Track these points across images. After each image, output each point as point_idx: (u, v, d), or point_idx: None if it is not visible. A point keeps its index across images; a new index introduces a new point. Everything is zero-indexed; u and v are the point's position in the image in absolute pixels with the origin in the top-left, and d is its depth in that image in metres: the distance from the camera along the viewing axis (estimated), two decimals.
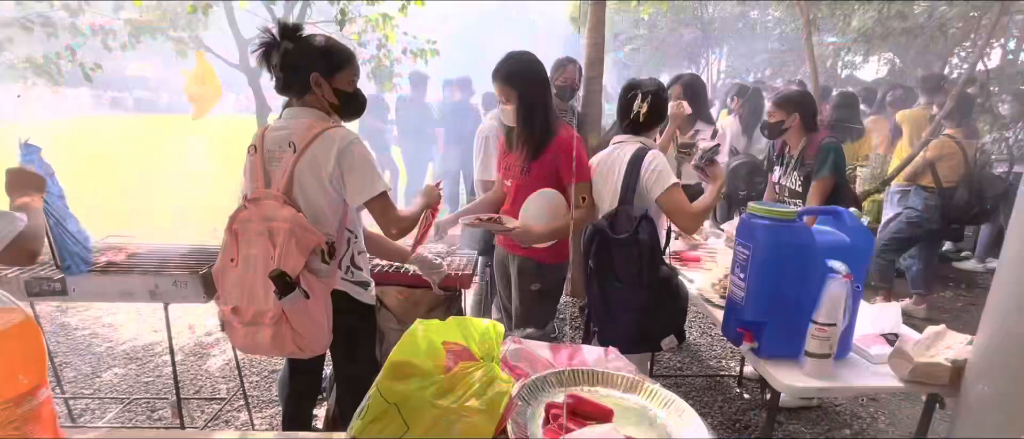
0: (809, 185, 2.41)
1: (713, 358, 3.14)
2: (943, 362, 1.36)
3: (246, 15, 4.50)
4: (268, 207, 1.45)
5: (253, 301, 1.44)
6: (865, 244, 1.49)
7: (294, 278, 1.39)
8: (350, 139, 1.48)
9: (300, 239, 1.41)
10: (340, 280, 1.57)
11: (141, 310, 3.61)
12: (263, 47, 1.48)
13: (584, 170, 1.96)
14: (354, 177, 1.47)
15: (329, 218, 1.52)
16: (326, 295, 1.50)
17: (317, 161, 1.46)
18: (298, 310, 1.41)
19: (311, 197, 1.49)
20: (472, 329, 0.87)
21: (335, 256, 1.53)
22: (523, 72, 1.91)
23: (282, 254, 1.39)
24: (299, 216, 1.43)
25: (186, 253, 2.28)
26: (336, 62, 1.51)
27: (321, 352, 1.57)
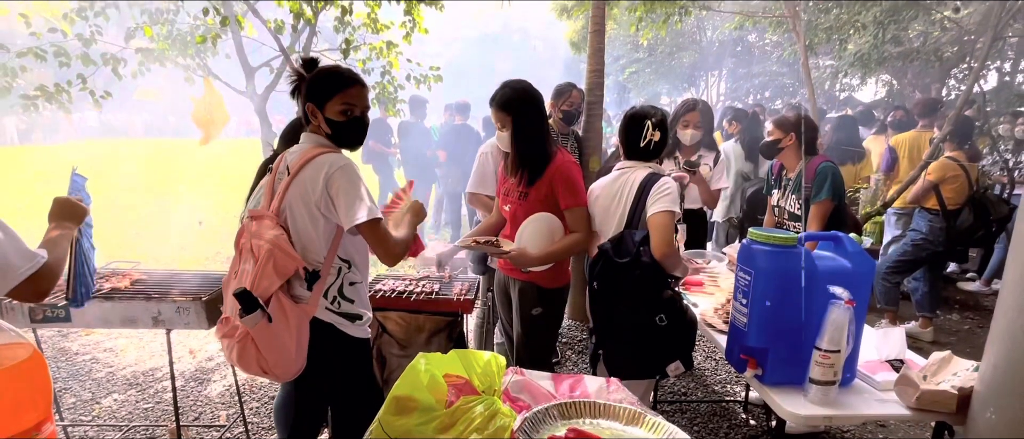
0: (809, 208, 2.42)
1: (718, 383, 3.10)
2: (949, 389, 1.35)
3: (252, 43, 4.61)
4: (263, 226, 1.47)
5: (236, 314, 1.46)
6: (866, 269, 1.49)
7: (265, 300, 1.39)
8: (339, 164, 1.46)
9: (278, 261, 1.41)
10: (324, 310, 1.53)
11: (143, 335, 3.60)
12: (295, 83, 1.55)
13: (579, 195, 1.97)
14: (342, 201, 1.45)
15: (316, 244, 1.51)
16: (301, 322, 1.47)
17: (305, 186, 1.47)
18: (262, 332, 1.39)
19: (299, 222, 1.50)
20: (474, 362, 0.87)
21: (320, 284, 1.51)
22: (517, 99, 1.94)
23: (259, 274, 1.40)
24: (281, 238, 1.43)
25: (189, 279, 2.29)
26: (327, 92, 1.50)
27: (289, 379, 1.53)
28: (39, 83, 3.97)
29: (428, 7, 4.32)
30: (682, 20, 6.45)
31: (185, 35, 4.74)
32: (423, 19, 4.45)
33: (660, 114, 1.98)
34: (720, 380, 3.13)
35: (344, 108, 1.51)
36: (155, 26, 4.55)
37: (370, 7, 4.26)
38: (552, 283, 2.06)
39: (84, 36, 4.03)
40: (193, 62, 4.78)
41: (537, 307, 2.06)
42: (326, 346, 1.54)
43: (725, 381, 3.11)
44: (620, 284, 1.76)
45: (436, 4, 4.33)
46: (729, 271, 2.55)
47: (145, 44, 4.55)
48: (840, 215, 2.42)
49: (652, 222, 1.82)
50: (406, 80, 4.64)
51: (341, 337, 1.56)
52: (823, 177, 2.38)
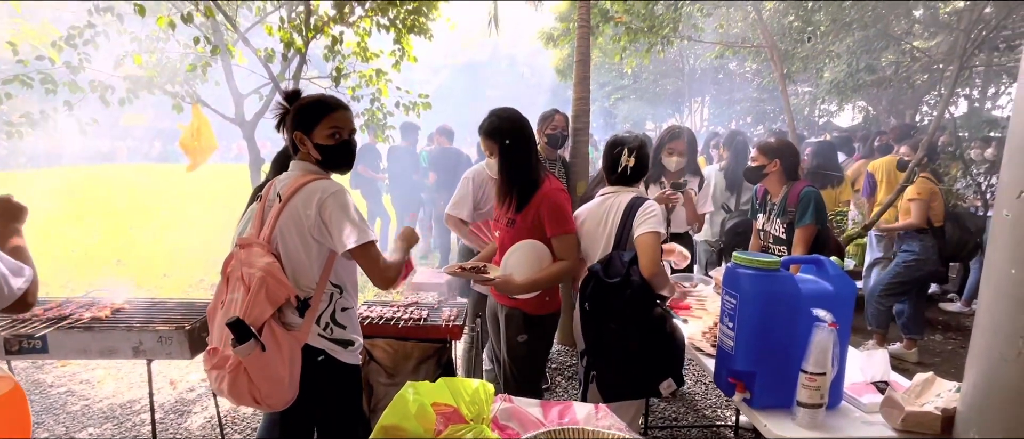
0: (793, 232, 2.46)
1: (708, 407, 3.09)
2: (934, 411, 1.37)
3: (242, 70, 4.64)
4: (253, 253, 1.47)
5: (226, 344, 1.44)
6: (848, 292, 1.52)
7: (257, 328, 1.38)
8: (331, 190, 1.49)
9: (270, 289, 1.41)
10: (316, 336, 1.52)
11: (121, 366, 3.50)
12: (280, 116, 1.58)
13: (566, 223, 1.97)
14: (334, 226, 1.46)
15: (309, 271, 1.51)
16: (293, 349, 1.47)
17: (298, 213, 1.48)
18: (255, 361, 1.38)
19: (291, 248, 1.50)
20: (462, 389, 0.87)
21: (311, 311, 1.51)
22: (504, 127, 1.97)
23: (250, 302, 1.39)
24: (273, 266, 1.43)
25: (171, 308, 2.25)
26: (313, 118, 1.54)
27: (282, 407, 1.50)
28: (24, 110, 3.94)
29: (417, 36, 4.40)
30: (665, 49, 6.65)
31: (175, 63, 4.76)
32: (412, 47, 4.53)
33: (638, 140, 2.04)
34: (710, 404, 3.12)
35: (331, 131, 1.54)
36: (144, 54, 4.56)
37: (360, 36, 4.33)
38: (539, 310, 2.05)
39: (72, 63, 4.03)
40: (182, 89, 4.79)
41: (523, 334, 2.05)
42: (318, 373, 1.53)
43: (715, 405, 3.10)
44: (611, 304, 1.79)
45: (425, 33, 4.42)
46: (716, 294, 2.58)
47: (134, 71, 4.56)
48: (823, 239, 2.46)
49: (640, 243, 1.86)
50: (395, 107, 4.69)
51: (333, 364, 1.55)
52: (806, 202, 2.43)
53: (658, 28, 6.17)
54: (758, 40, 7.10)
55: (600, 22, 6.38)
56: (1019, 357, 1.09)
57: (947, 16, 7.30)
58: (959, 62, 4.37)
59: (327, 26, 3.88)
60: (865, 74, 6.65)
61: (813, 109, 10.91)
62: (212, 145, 4.22)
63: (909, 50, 7.40)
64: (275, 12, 4.07)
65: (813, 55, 6.50)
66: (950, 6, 7.45)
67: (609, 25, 6.45)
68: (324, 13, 3.99)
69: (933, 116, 5.67)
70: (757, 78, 11.90)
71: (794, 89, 10.26)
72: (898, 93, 8.61)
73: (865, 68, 6.59)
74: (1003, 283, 1.15)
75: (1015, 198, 1.12)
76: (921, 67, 7.52)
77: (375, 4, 3.96)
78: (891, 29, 6.42)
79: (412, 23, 4.20)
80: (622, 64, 8.62)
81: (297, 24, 3.91)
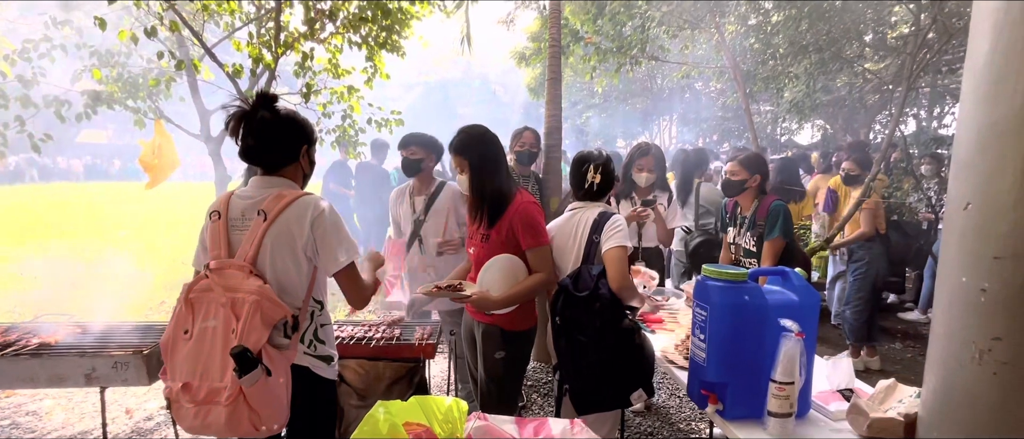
0: (762, 245, 2.53)
1: (682, 420, 3.11)
2: (896, 417, 1.41)
3: (209, 86, 4.53)
4: (232, 277, 1.40)
5: (208, 377, 1.36)
6: (812, 302, 1.56)
7: (256, 354, 1.33)
8: (323, 206, 1.48)
9: (266, 312, 1.36)
10: (302, 354, 1.50)
11: (73, 395, 3.29)
12: (238, 116, 1.49)
13: (540, 235, 1.97)
14: (328, 244, 1.46)
15: (297, 289, 1.48)
16: (287, 370, 1.44)
17: (290, 230, 1.45)
18: (258, 388, 1.33)
19: (280, 267, 1.46)
20: (435, 408, 0.85)
21: (299, 329, 1.48)
22: (471, 143, 1.97)
23: (245, 328, 1.33)
24: (266, 288, 1.39)
25: (128, 332, 2.14)
26: (314, 135, 1.59)
27: (279, 431, 1.47)
28: None
29: (389, 53, 4.40)
30: (633, 69, 6.84)
31: (137, 78, 4.62)
32: (384, 64, 4.52)
33: (603, 157, 2.09)
34: (684, 417, 3.14)
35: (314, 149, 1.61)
36: (104, 69, 4.41)
37: (331, 53, 4.30)
38: (516, 326, 2.03)
39: (25, 77, 3.86)
40: (145, 105, 4.64)
41: (501, 350, 2.03)
42: (303, 390, 1.49)
43: (689, 418, 3.12)
44: (581, 317, 1.82)
45: (398, 51, 4.42)
46: (687, 307, 2.62)
47: (93, 86, 4.40)
48: (791, 252, 2.53)
49: (608, 257, 1.90)
50: (367, 123, 4.65)
51: (316, 380, 1.54)
52: (775, 216, 2.50)
53: (626, 48, 6.34)
54: (721, 61, 7.38)
55: (571, 42, 6.52)
56: (973, 361, 1.14)
57: (894, 41, 7.76)
58: (907, 83, 4.63)
59: (297, 42, 3.85)
60: (822, 94, 6.97)
61: (775, 127, 11.36)
62: (174, 162, 4.09)
63: (861, 72, 7.81)
64: (244, 28, 4.00)
65: (773, 76, 6.78)
66: (897, 31, 7.93)
67: (579, 45, 6.61)
68: (294, 29, 3.96)
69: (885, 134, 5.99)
70: (721, 97, 12.33)
71: (756, 108, 10.67)
72: (852, 112, 9.05)
73: (821, 89, 6.91)
74: (955, 291, 1.20)
75: (962, 210, 1.18)
76: (872, 88, 7.94)
77: (347, 21, 3.95)
78: (844, 52, 6.78)
79: (384, 40, 4.20)
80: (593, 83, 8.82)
81: (267, 40, 3.86)
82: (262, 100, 1.50)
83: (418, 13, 4.38)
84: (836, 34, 6.24)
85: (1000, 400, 1.10)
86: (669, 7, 6.48)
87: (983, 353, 1.12)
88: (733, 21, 7.73)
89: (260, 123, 1.48)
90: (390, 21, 4.10)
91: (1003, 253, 1.08)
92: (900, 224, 4.02)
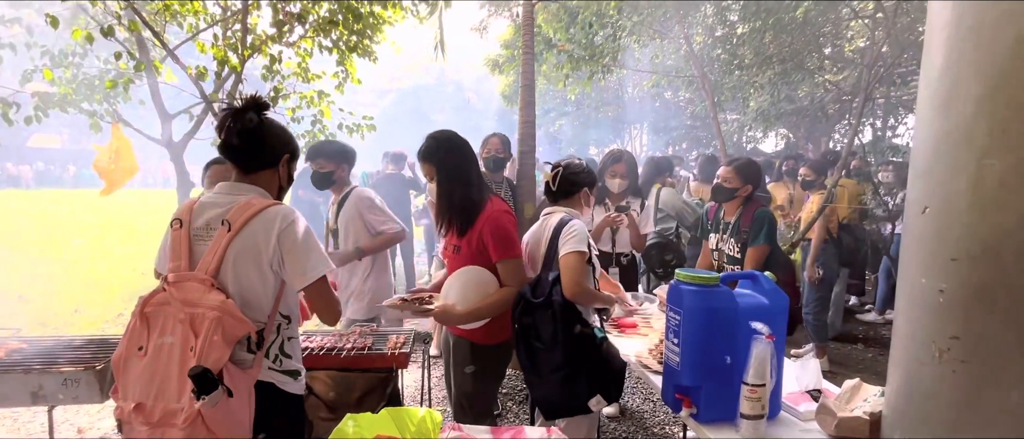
0: (746, 252, 2.55)
1: (656, 425, 3.13)
2: (862, 416, 1.45)
3: (171, 89, 4.36)
4: (191, 290, 1.32)
5: (163, 397, 1.28)
6: (781, 305, 1.60)
7: (217, 373, 1.25)
8: (291, 217, 1.42)
9: (227, 329, 1.29)
10: (267, 370, 1.43)
11: (19, 414, 3.09)
12: (226, 115, 1.43)
13: (512, 247, 1.87)
14: (295, 258, 1.39)
15: (262, 303, 1.41)
16: (249, 388, 1.37)
17: (256, 242, 1.37)
18: (218, 409, 1.26)
19: (244, 281, 1.38)
20: (408, 420, 0.82)
21: (264, 345, 1.42)
22: (439, 148, 1.88)
23: (205, 345, 1.25)
24: (229, 303, 1.31)
25: (80, 346, 2.03)
26: (297, 150, 1.55)
27: None
28: None
29: (361, 58, 4.34)
30: (605, 78, 6.94)
31: (93, 79, 4.41)
32: (356, 70, 4.45)
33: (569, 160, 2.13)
34: (659, 422, 3.16)
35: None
36: (57, 69, 4.20)
37: (301, 56, 4.21)
38: (487, 340, 1.94)
39: None
40: (101, 108, 4.43)
41: (470, 365, 1.95)
42: (268, 407, 1.42)
43: (664, 423, 3.15)
44: (537, 323, 1.83)
45: (370, 56, 4.36)
46: (660, 312, 2.64)
47: (44, 88, 4.18)
48: (775, 259, 2.56)
49: (562, 263, 1.89)
50: (338, 129, 4.56)
51: (282, 396, 1.46)
52: (760, 223, 2.52)
53: (598, 57, 6.43)
54: (690, 71, 7.57)
55: (544, 50, 6.58)
56: (933, 360, 1.18)
57: (852, 54, 8.11)
58: (864, 94, 4.85)
59: (265, 45, 3.75)
60: (785, 104, 7.23)
61: (741, 136, 11.71)
62: (132, 168, 3.91)
63: (822, 83, 8.13)
64: (209, 29, 3.88)
65: (740, 86, 7.00)
66: (853, 45, 8.30)
67: (552, 53, 6.67)
68: (262, 32, 3.86)
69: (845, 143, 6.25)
70: (690, 106, 12.64)
71: (724, 117, 10.98)
72: (814, 121, 9.41)
73: (785, 98, 7.17)
74: (915, 292, 1.24)
75: (920, 214, 1.23)
76: (833, 98, 8.28)
77: (317, 25, 3.88)
78: (805, 63, 7.05)
79: (356, 45, 4.14)
80: (565, 91, 8.91)
81: (233, 42, 3.76)
82: (254, 102, 1.45)
83: (390, 18, 4.34)
84: (798, 46, 6.49)
85: (959, 397, 1.14)
86: (639, 17, 6.61)
87: (942, 352, 1.16)
88: (701, 33, 7.95)
89: (248, 123, 1.42)
90: (362, 25, 4.04)
91: (959, 255, 1.12)
92: (851, 228, 4.22)
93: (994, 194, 1.07)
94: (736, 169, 2.61)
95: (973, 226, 1.10)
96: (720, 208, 2.75)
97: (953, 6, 1.14)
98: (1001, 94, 1.06)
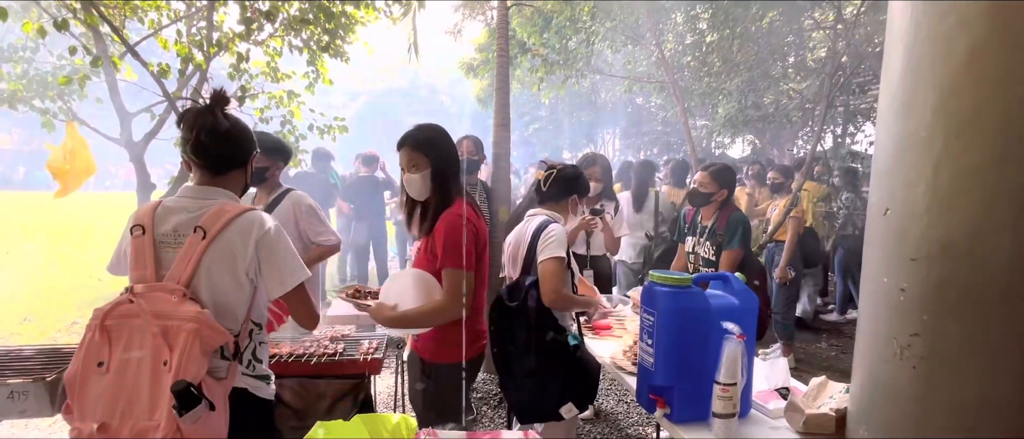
0: (720, 255, 2.60)
1: (631, 425, 3.16)
2: (829, 412, 1.49)
3: (131, 87, 4.19)
4: (162, 302, 1.24)
5: (132, 416, 1.20)
6: (751, 305, 1.63)
7: (198, 388, 1.19)
8: (268, 224, 1.37)
9: (206, 340, 1.23)
10: (240, 375, 1.39)
11: None
12: (198, 112, 1.36)
13: (457, 256, 1.65)
14: (273, 266, 1.35)
15: (236, 311, 1.36)
16: (226, 398, 1.32)
17: (233, 250, 1.32)
18: (198, 425, 1.20)
19: (220, 290, 1.32)
20: (381, 426, 0.80)
21: (239, 354, 1.37)
22: (436, 139, 1.76)
23: (183, 359, 1.18)
24: (205, 314, 1.25)
25: (29, 356, 1.91)
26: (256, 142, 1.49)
27: None
28: None
29: (332, 58, 4.26)
30: (578, 82, 7.01)
31: (45, 75, 4.20)
32: (327, 70, 4.37)
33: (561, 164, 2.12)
34: (632, 423, 3.19)
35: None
36: (6, 65, 3.98)
37: (270, 55, 4.11)
38: (437, 358, 1.75)
39: None
40: (55, 105, 4.22)
41: (420, 381, 1.81)
42: (241, 413, 1.37)
43: (637, 424, 3.18)
44: (512, 327, 1.83)
45: (342, 56, 4.29)
46: (634, 314, 2.67)
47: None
48: (748, 262, 2.61)
49: (541, 269, 1.87)
50: (309, 130, 4.47)
51: (255, 401, 1.42)
52: (735, 227, 2.57)
53: (572, 61, 6.50)
54: (661, 77, 7.72)
55: (518, 54, 6.60)
56: (895, 357, 1.22)
57: (813, 63, 8.43)
58: (826, 102, 5.04)
59: (232, 43, 3.64)
60: (752, 110, 7.45)
61: (710, 141, 12.00)
62: (89, 168, 3.73)
63: (787, 91, 8.41)
64: (172, 25, 3.74)
65: (709, 92, 7.18)
66: (816, 54, 8.62)
67: (527, 57, 6.70)
68: (229, 30, 3.75)
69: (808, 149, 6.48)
70: (661, 112, 12.89)
71: (693, 123, 11.23)
72: (779, 128, 9.72)
73: (752, 105, 7.39)
74: (878, 290, 1.29)
75: (882, 215, 1.28)
76: (796, 106, 8.57)
77: (287, 23, 3.79)
78: (771, 72, 7.29)
79: (327, 45, 4.06)
80: (539, 95, 8.97)
81: (198, 40, 3.63)
82: (220, 98, 1.38)
83: (363, 19, 4.27)
84: (764, 55, 6.70)
85: (919, 392, 1.18)
86: (612, 23, 6.71)
87: (903, 349, 1.20)
88: (672, 39, 8.13)
89: (216, 120, 1.36)
90: (333, 25, 3.97)
91: (918, 255, 1.17)
92: (813, 229, 4.42)
93: (950, 197, 1.12)
94: (712, 174, 2.65)
95: (931, 227, 1.15)
96: (697, 212, 2.81)
97: (911, 16, 1.19)
98: (955, 101, 1.11)
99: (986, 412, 1.12)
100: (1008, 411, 1.10)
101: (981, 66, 1.07)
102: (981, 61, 1.07)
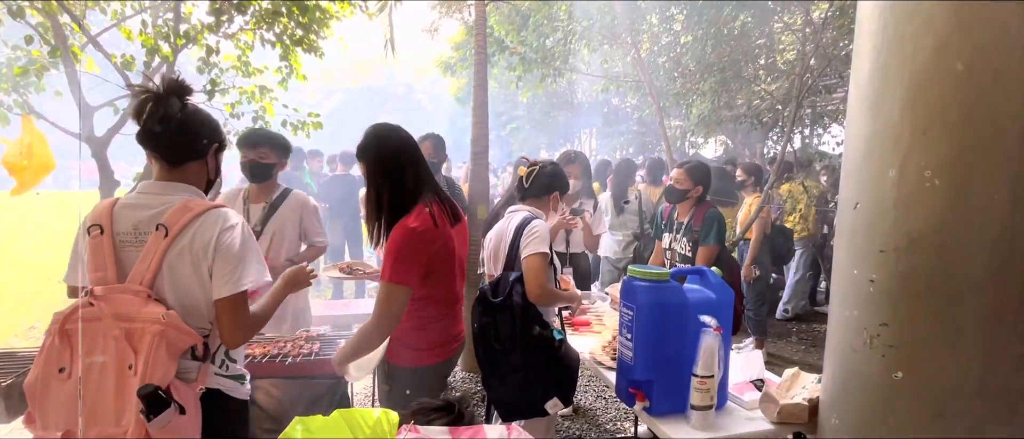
0: (697, 250, 2.65)
1: (609, 421, 3.19)
2: (802, 402, 1.53)
3: (92, 79, 4.01)
4: (125, 303, 1.19)
5: (97, 423, 1.15)
6: (727, 299, 1.66)
7: (166, 391, 1.15)
8: (232, 221, 1.31)
9: (172, 342, 1.18)
10: (213, 376, 1.34)
11: None
12: (145, 99, 1.27)
13: (394, 270, 1.52)
14: (224, 264, 1.27)
15: (203, 311, 1.30)
16: (197, 400, 1.27)
17: (196, 247, 1.26)
18: (168, 430, 1.16)
19: (185, 289, 1.27)
20: (361, 422, 0.78)
21: (209, 355, 1.32)
22: (368, 145, 1.61)
23: (149, 363, 1.14)
24: (172, 315, 1.20)
25: None
26: (224, 139, 1.42)
27: None
28: None
29: (306, 53, 4.16)
30: (556, 81, 7.04)
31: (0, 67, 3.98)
32: (301, 65, 4.26)
33: (544, 161, 2.13)
34: (611, 418, 3.22)
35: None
36: None
37: (241, 49, 3.99)
38: (398, 360, 1.69)
39: None
40: (9, 98, 4.00)
41: (385, 384, 1.76)
42: (215, 414, 1.32)
43: (616, 419, 3.21)
44: (496, 324, 1.82)
45: (316, 51, 4.19)
46: (613, 310, 2.70)
47: None
48: (723, 258, 2.66)
49: (525, 265, 1.88)
50: (282, 126, 4.35)
51: (230, 402, 1.38)
52: (710, 223, 2.63)
53: (550, 60, 6.51)
54: (638, 77, 7.81)
55: (496, 52, 6.59)
56: (865, 346, 1.26)
57: (784, 65, 8.65)
58: (796, 103, 5.17)
59: (201, 35, 3.52)
60: (725, 110, 7.60)
61: (684, 141, 12.22)
62: (47, 164, 3.55)
63: (759, 92, 8.62)
64: (136, 16, 3.60)
65: (683, 93, 7.30)
66: (785, 57, 8.85)
67: (504, 55, 6.69)
68: (198, 22, 3.63)
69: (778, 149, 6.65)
70: (637, 112, 13.05)
71: (668, 123, 11.41)
72: (750, 128, 9.96)
73: (725, 106, 7.54)
74: (848, 282, 1.33)
75: (852, 209, 1.32)
76: (767, 107, 8.79)
77: (259, 16, 3.69)
78: (743, 73, 7.45)
79: (301, 39, 3.96)
80: (517, 94, 8.97)
81: (164, 31, 3.50)
82: (176, 86, 1.30)
83: (338, 13, 4.19)
84: (736, 56, 6.85)
85: (888, 380, 1.22)
86: (589, 22, 6.75)
87: (873, 338, 1.24)
88: (647, 40, 8.23)
89: (170, 109, 1.28)
90: (307, 19, 3.88)
91: (887, 247, 1.21)
92: (783, 228, 4.58)
93: (917, 191, 1.16)
94: (687, 171, 2.71)
95: (899, 220, 1.19)
96: (674, 208, 2.85)
97: (879, 16, 1.23)
98: (922, 98, 1.15)
99: (953, 399, 1.16)
100: (974, 398, 1.15)
101: (947, 64, 1.11)
102: (947, 60, 1.11)
